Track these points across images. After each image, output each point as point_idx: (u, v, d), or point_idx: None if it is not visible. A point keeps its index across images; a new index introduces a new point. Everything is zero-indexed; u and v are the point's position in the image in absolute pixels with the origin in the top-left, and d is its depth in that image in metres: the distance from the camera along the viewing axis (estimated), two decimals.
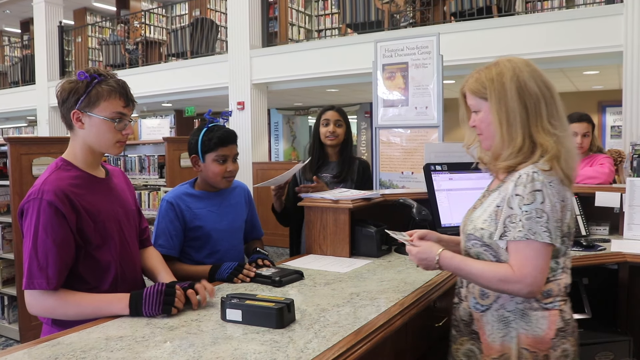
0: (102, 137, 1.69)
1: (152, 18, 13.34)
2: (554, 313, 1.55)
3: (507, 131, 1.54)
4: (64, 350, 1.37)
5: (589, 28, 5.96)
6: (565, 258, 1.58)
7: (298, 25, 11.26)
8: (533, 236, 1.45)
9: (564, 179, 1.51)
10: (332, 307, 1.70)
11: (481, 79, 1.60)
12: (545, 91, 1.54)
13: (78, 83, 1.66)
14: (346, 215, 2.45)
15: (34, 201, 1.59)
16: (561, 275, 1.57)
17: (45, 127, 11.20)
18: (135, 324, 1.56)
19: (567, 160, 1.51)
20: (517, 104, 1.52)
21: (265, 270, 2.06)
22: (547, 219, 1.46)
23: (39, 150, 4.47)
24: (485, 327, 1.62)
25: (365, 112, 12.60)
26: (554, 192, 1.48)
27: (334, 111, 3.03)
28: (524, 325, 1.56)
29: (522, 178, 1.50)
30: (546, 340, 1.54)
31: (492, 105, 1.56)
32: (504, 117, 1.54)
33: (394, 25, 7.71)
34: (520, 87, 1.53)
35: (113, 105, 1.68)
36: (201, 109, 13.26)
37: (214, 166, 2.23)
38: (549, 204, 1.47)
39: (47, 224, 1.57)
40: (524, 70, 1.55)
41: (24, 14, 13.83)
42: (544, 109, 1.53)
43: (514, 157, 1.54)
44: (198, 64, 9.23)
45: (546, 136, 1.51)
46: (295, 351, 1.34)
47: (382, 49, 4.35)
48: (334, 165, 3.02)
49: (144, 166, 5.69)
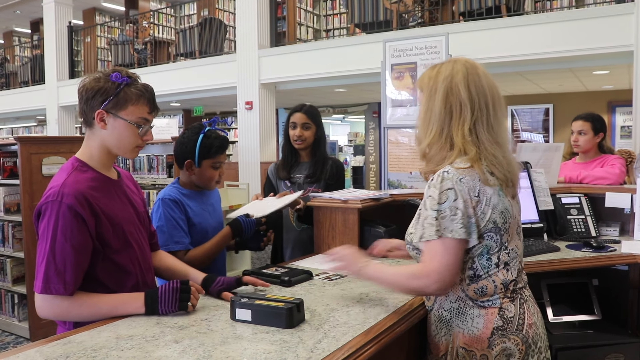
0: (123, 140, 1.68)
1: (161, 18, 13.38)
2: (492, 311, 1.56)
3: (428, 125, 1.62)
4: (74, 348, 1.37)
5: (599, 27, 5.93)
6: (502, 254, 1.57)
7: (306, 25, 11.27)
8: (450, 234, 1.50)
9: (491, 177, 1.54)
10: (342, 307, 1.70)
11: (425, 75, 1.68)
12: (477, 98, 1.57)
13: (107, 83, 1.63)
14: (355, 215, 2.45)
15: (53, 203, 1.56)
16: (497, 273, 1.56)
17: (54, 127, 11.27)
18: (146, 323, 1.56)
19: (495, 166, 1.55)
20: (441, 105, 1.59)
21: (275, 270, 2.06)
22: (462, 215, 1.50)
23: (48, 149, 4.49)
24: (431, 327, 1.69)
25: (373, 112, 12.59)
26: (465, 189, 1.51)
27: (302, 113, 2.86)
28: (460, 323, 1.59)
29: (433, 179, 1.56)
30: (482, 339, 1.55)
31: (423, 99, 1.66)
32: (427, 113, 1.62)
33: (403, 25, 7.70)
34: (449, 89, 1.58)
35: (139, 110, 1.67)
36: (209, 108, 13.32)
37: (209, 171, 2.30)
38: (462, 201, 1.50)
39: (67, 228, 1.55)
40: (459, 73, 1.59)
41: (34, 14, 13.92)
42: (469, 115, 1.56)
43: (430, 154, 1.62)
44: (206, 63, 9.26)
45: (464, 141, 1.55)
46: (305, 351, 1.34)
47: (391, 48, 4.35)
48: (307, 166, 2.90)
49: (153, 166, 5.71)
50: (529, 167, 2.80)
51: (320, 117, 2.95)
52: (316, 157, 2.89)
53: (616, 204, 2.92)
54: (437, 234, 1.51)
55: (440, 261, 1.50)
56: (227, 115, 13.91)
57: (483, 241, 1.54)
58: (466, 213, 1.50)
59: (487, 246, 1.55)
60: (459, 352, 1.58)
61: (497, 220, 1.54)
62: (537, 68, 6.84)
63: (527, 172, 2.78)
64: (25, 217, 4.36)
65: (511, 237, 1.59)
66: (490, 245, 1.55)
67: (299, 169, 2.91)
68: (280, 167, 2.93)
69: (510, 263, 1.59)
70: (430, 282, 1.51)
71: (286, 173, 2.90)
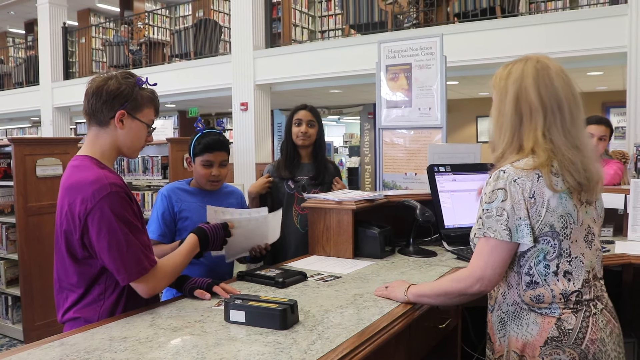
0: (136, 140, 1.76)
1: (156, 19, 13.36)
2: (549, 320, 1.49)
3: (500, 130, 1.57)
4: (67, 350, 1.37)
5: (593, 29, 5.95)
6: (562, 261, 1.50)
7: (301, 26, 11.27)
8: (492, 234, 1.49)
9: (556, 178, 1.47)
10: (336, 308, 1.70)
11: (497, 74, 1.62)
12: (549, 101, 1.51)
13: (128, 85, 1.71)
14: (349, 216, 2.45)
15: (108, 196, 1.59)
16: (556, 281, 1.49)
17: (49, 128, 11.22)
18: (139, 324, 1.56)
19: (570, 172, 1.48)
20: (511, 109, 1.54)
21: (269, 271, 2.06)
22: (507, 217, 1.47)
23: (43, 151, 4.48)
24: (492, 327, 1.65)
25: (368, 113, 12.60)
26: (518, 189, 1.47)
27: (307, 111, 2.90)
28: (515, 327, 1.56)
29: (491, 177, 1.54)
30: (535, 346, 1.50)
31: (495, 101, 1.61)
32: (498, 116, 1.58)
33: (398, 26, 7.71)
34: (519, 93, 1.53)
35: (151, 113, 1.78)
36: (204, 109, 13.30)
37: (200, 169, 2.39)
38: (510, 202, 1.47)
39: (128, 210, 1.63)
40: (530, 76, 1.52)
41: (28, 15, 13.88)
42: (541, 120, 1.50)
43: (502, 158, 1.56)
44: (201, 64, 9.24)
45: (537, 145, 1.50)
46: (299, 352, 1.34)
47: (386, 49, 4.35)
48: (310, 168, 2.92)
49: (148, 167, 5.69)
50: None
51: (321, 118, 2.99)
52: (318, 158, 2.93)
53: (610, 205, 2.92)
54: (481, 232, 1.51)
55: (484, 260, 1.50)
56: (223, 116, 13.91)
57: (538, 245, 1.49)
58: (514, 215, 1.46)
59: (544, 251, 1.49)
60: (511, 356, 1.55)
61: (555, 225, 1.48)
62: None
63: None
64: (19, 219, 4.34)
65: (575, 244, 1.51)
66: (547, 250, 1.49)
67: (301, 169, 2.92)
68: (282, 167, 2.91)
69: (572, 272, 1.50)
70: (472, 282, 1.52)
71: (289, 173, 2.89)
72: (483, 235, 1.50)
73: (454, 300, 1.63)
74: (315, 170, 2.91)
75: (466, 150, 3.48)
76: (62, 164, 4.55)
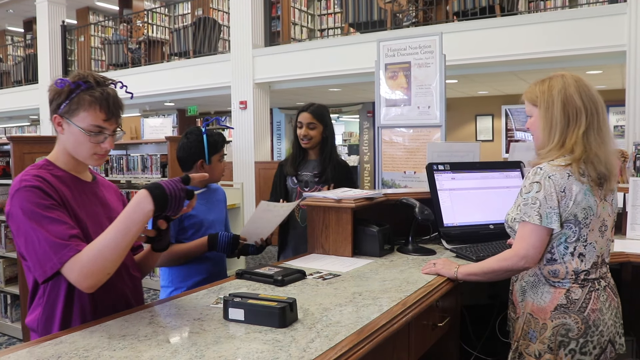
0: (78, 147, 1.63)
1: (155, 17, 13.34)
2: (559, 291, 1.82)
3: (549, 134, 1.85)
4: (66, 349, 1.37)
5: (592, 27, 5.95)
6: (579, 245, 1.81)
7: (301, 24, 11.26)
8: (527, 218, 1.80)
9: (582, 177, 1.78)
10: (335, 306, 1.70)
11: (535, 90, 1.91)
12: (589, 105, 1.82)
13: (64, 87, 1.59)
14: (348, 214, 2.45)
15: (16, 193, 1.50)
16: (571, 261, 1.81)
17: (48, 126, 11.21)
18: (138, 322, 1.56)
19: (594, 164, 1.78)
20: (560, 115, 1.82)
21: (268, 270, 2.06)
22: (540, 205, 1.78)
23: (41, 149, 4.47)
24: (516, 294, 1.98)
25: (367, 111, 12.59)
26: (552, 184, 1.77)
27: (307, 113, 2.93)
28: (532, 294, 1.89)
29: (530, 172, 1.85)
30: (546, 310, 1.83)
31: (540, 112, 1.88)
32: (548, 124, 1.85)
33: (397, 25, 7.71)
34: (565, 100, 1.82)
35: (92, 118, 1.59)
36: (203, 108, 13.29)
37: (218, 165, 2.51)
38: (543, 194, 1.78)
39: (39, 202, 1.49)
40: (571, 85, 1.84)
41: (27, 13, 13.85)
42: (584, 121, 1.80)
43: (545, 154, 1.85)
44: (200, 63, 9.24)
45: (576, 143, 1.79)
46: (298, 350, 1.34)
47: (385, 48, 4.35)
48: (314, 164, 2.98)
49: (147, 165, 5.70)
50: (522, 166, 2.81)
51: (328, 116, 3.00)
52: (324, 155, 2.96)
53: None
54: (519, 217, 1.82)
55: (526, 241, 1.80)
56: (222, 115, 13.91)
57: (562, 229, 1.79)
58: (546, 204, 1.77)
59: (566, 235, 1.81)
60: (527, 316, 1.88)
61: (578, 215, 1.79)
62: (531, 68, 6.86)
63: (521, 171, 2.79)
64: None
65: (592, 232, 1.82)
66: (568, 235, 1.81)
67: (306, 166, 2.98)
68: (288, 163, 3.01)
69: (586, 255, 1.82)
70: (518, 260, 1.81)
71: (293, 169, 2.98)
72: (521, 219, 1.82)
73: (501, 276, 1.92)
74: (320, 167, 2.95)
75: (465, 148, 3.48)
76: None
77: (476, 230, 2.58)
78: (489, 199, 2.67)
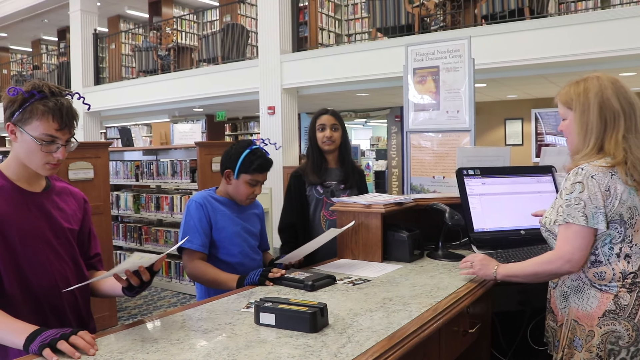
0: (30, 155, 1.61)
1: (184, 24, 13.51)
2: (607, 296, 1.72)
3: (585, 138, 1.79)
4: (101, 351, 1.39)
5: (625, 28, 5.84)
6: (624, 246, 1.73)
7: (328, 29, 11.28)
8: (571, 220, 1.71)
9: (627, 179, 1.71)
10: (365, 311, 1.70)
11: (570, 92, 1.84)
12: (627, 107, 1.76)
13: (18, 96, 1.58)
14: (378, 220, 2.45)
15: None
16: (617, 262, 1.73)
17: (80, 132, 11.43)
18: (170, 326, 1.58)
19: (636, 167, 1.71)
20: (597, 117, 1.76)
21: (298, 275, 2.07)
22: (584, 206, 1.70)
23: (74, 155, 4.54)
24: (556, 301, 1.90)
25: (395, 116, 12.55)
26: (595, 184, 1.70)
27: (329, 115, 2.89)
28: (577, 300, 1.79)
29: (570, 173, 1.78)
30: (593, 317, 1.73)
31: (576, 115, 1.81)
32: (583, 127, 1.79)
33: (425, 29, 7.67)
34: (602, 103, 1.76)
35: (44, 127, 1.58)
36: (232, 113, 13.40)
37: (244, 187, 2.33)
38: (587, 194, 1.70)
39: None
40: (608, 87, 1.78)
41: (61, 23, 14.16)
42: (622, 124, 1.75)
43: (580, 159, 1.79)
44: (229, 69, 9.33)
45: (616, 147, 1.73)
46: (329, 355, 1.34)
47: (413, 52, 4.33)
48: (337, 172, 2.91)
49: (176, 170, 5.77)
50: (553, 171, 2.77)
51: (343, 121, 2.98)
52: (345, 162, 2.93)
53: None
54: (561, 219, 1.74)
55: (571, 244, 1.72)
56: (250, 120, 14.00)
57: (607, 230, 1.72)
58: (592, 204, 1.70)
59: (610, 235, 1.73)
60: (571, 324, 1.79)
61: (624, 214, 1.72)
62: (562, 71, 6.75)
63: (552, 176, 2.75)
64: None
65: (637, 233, 1.75)
66: (613, 235, 1.73)
67: (329, 174, 2.90)
68: (309, 172, 2.88)
69: (632, 256, 1.74)
70: (562, 263, 1.74)
71: (317, 177, 2.86)
72: (564, 221, 1.74)
73: (542, 279, 1.88)
74: (344, 174, 2.91)
75: (495, 153, 3.44)
76: (93, 168, 4.62)
77: (507, 235, 2.55)
78: (519, 204, 2.63)
